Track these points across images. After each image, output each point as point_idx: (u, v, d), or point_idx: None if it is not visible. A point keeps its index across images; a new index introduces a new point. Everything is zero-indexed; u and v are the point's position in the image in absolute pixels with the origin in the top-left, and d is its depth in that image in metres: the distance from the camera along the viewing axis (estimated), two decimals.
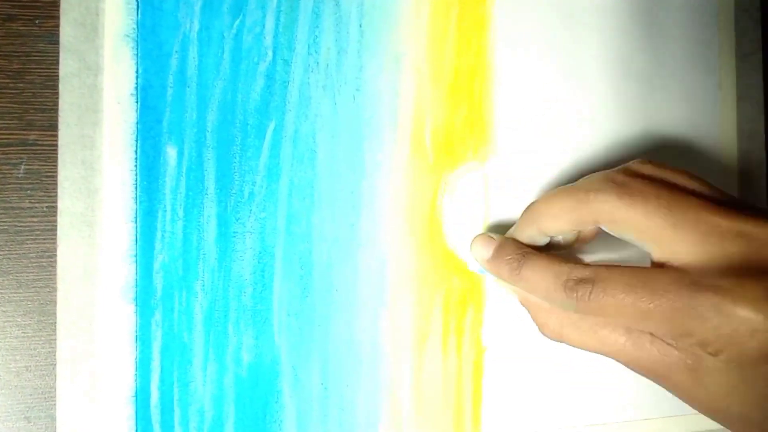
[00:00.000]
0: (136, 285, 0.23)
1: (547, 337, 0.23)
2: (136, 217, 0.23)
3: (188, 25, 0.24)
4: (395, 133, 0.26)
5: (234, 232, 0.24)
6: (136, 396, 0.23)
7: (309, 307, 0.25)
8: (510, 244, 0.24)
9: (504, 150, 0.27)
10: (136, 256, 0.23)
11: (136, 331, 0.23)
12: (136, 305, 0.23)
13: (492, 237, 0.25)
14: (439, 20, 0.26)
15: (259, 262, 0.25)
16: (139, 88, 0.24)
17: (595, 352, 0.22)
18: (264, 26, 0.25)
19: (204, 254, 0.24)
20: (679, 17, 0.30)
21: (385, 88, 0.26)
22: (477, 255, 0.25)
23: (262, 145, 0.25)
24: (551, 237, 0.24)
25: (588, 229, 0.23)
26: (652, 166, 0.22)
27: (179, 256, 0.24)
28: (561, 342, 0.23)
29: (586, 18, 0.28)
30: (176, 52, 0.24)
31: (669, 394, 0.29)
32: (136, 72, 0.24)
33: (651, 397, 0.28)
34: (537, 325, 0.24)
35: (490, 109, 0.27)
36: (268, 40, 0.25)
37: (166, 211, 0.24)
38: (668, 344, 0.20)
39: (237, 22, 0.24)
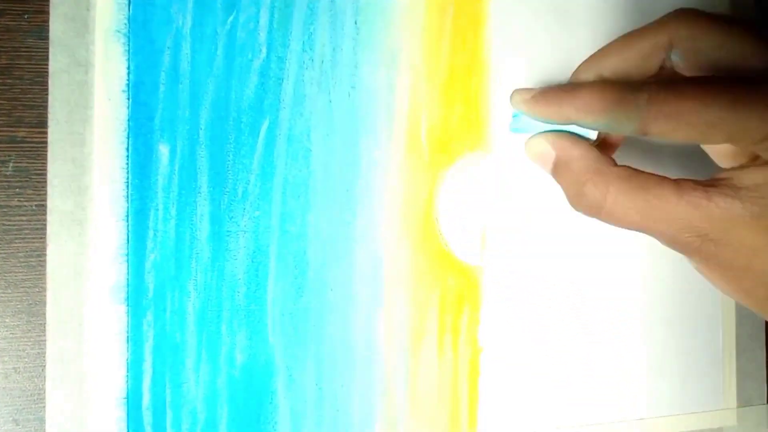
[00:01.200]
0: (128, 285, 0.23)
1: (581, 209, 0.20)
2: (127, 216, 0.23)
3: (181, 21, 0.24)
4: (391, 130, 0.26)
5: (227, 231, 0.24)
6: (128, 398, 0.23)
7: (303, 306, 0.25)
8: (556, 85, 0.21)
9: (500, 147, 0.27)
10: (127, 255, 0.23)
11: (128, 332, 0.23)
12: (128, 305, 0.23)
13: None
14: (435, 17, 0.26)
15: (252, 262, 0.24)
16: (130, 84, 0.23)
17: (638, 223, 0.19)
18: (258, 22, 0.24)
19: (197, 253, 0.24)
20: None
21: (381, 85, 0.26)
22: (518, 96, 0.21)
23: (256, 143, 0.24)
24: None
25: (653, 65, 0.20)
26: None
27: (171, 255, 0.24)
28: (597, 217, 0.19)
29: (582, 15, 0.28)
30: (168, 48, 0.24)
31: (664, 394, 0.29)
32: (128, 68, 0.23)
33: (645, 396, 0.29)
34: (571, 197, 0.20)
35: (486, 106, 0.27)
36: (263, 36, 0.25)
37: (158, 209, 0.23)
38: (728, 196, 0.17)
39: (231, 18, 0.24)
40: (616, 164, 0.19)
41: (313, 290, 0.25)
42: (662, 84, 0.18)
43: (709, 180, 0.19)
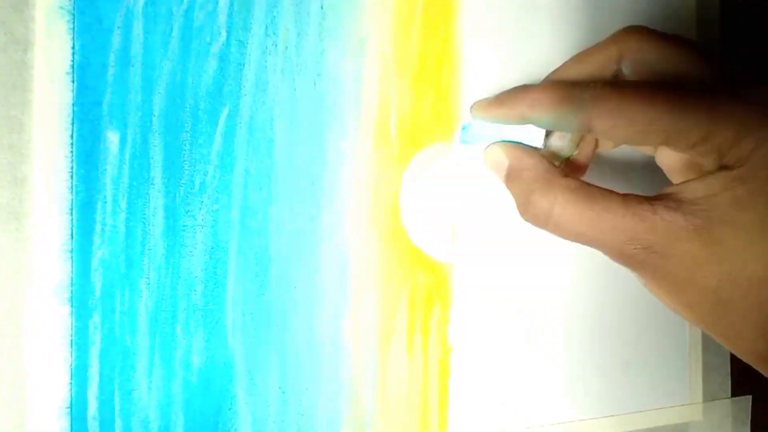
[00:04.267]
0: (72, 283, 0.22)
1: (529, 219, 0.21)
2: (71, 209, 0.22)
3: None
4: (358, 121, 0.25)
5: (183, 226, 0.23)
6: (71, 407, 0.22)
7: (266, 305, 0.24)
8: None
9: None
10: (71, 251, 0.22)
11: (72, 335, 0.22)
12: (72, 306, 0.22)
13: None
14: (405, 3, 0.26)
15: (211, 258, 0.23)
16: (75, 66, 0.22)
17: (582, 235, 0.19)
18: (217, 3, 0.23)
19: (150, 249, 0.22)
20: (648, 8, 0.30)
21: (348, 74, 0.25)
22: (477, 105, 0.22)
23: (214, 132, 0.23)
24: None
25: (607, 77, 0.22)
26: None
27: (121, 251, 0.22)
28: (545, 227, 0.20)
29: (554, 6, 0.28)
30: (118, 27, 0.22)
31: (635, 391, 0.29)
32: (72, 48, 0.22)
33: (616, 393, 0.29)
34: (520, 205, 0.21)
35: (458, 97, 0.26)
36: (222, 18, 0.23)
37: (106, 202, 0.22)
38: (672, 209, 0.18)
39: None
40: (566, 176, 0.20)
41: (275, 288, 0.24)
42: (606, 83, 0.19)
43: (656, 195, 0.19)
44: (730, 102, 0.18)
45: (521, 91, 0.21)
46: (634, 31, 0.21)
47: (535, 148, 0.22)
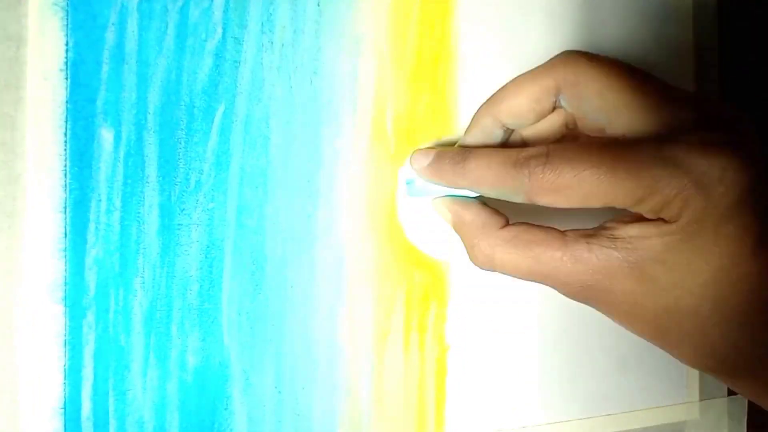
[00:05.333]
0: (66, 283, 0.21)
1: (478, 265, 0.22)
2: (65, 207, 0.21)
3: None
4: (355, 119, 0.25)
5: (178, 224, 0.23)
6: (65, 408, 0.21)
7: (261, 305, 0.24)
8: (453, 149, 0.23)
9: None
10: (65, 250, 0.21)
11: (65, 335, 0.21)
12: (65, 305, 0.21)
13: (433, 148, 0.24)
14: (401, 1, 0.26)
15: (206, 257, 0.23)
16: (69, 63, 0.21)
17: (528, 276, 0.21)
18: (213, 0, 0.23)
19: (144, 248, 0.22)
20: (644, 4, 0.30)
21: (345, 72, 0.25)
22: (416, 164, 0.23)
23: (210, 130, 0.23)
24: (505, 130, 0.23)
25: (546, 108, 0.22)
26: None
27: (116, 250, 0.22)
28: (492, 270, 0.21)
29: (549, 4, 0.28)
30: (113, 24, 0.22)
31: (632, 390, 0.29)
32: (66, 45, 0.21)
33: (611, 392, 0.29)
34: (468, 250, 0.22)
35: (455, 95, 0.26)
36: (218, 15, 0.23)
37: (100, 200, 0.22)
38: (607, 247, 0.19)
39: None
40: (506, 223, 0.22)
41: (271, 287, 0.24)
42: (541, 159, 0.19)
43: (594, 229, 0.20)
44: (662, 163, 0.18)
45: (458, 164, 0.21)
46: (570, 59, 0.21)
47: (475, 198, 0.23)
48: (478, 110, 0.23)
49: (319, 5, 0.24)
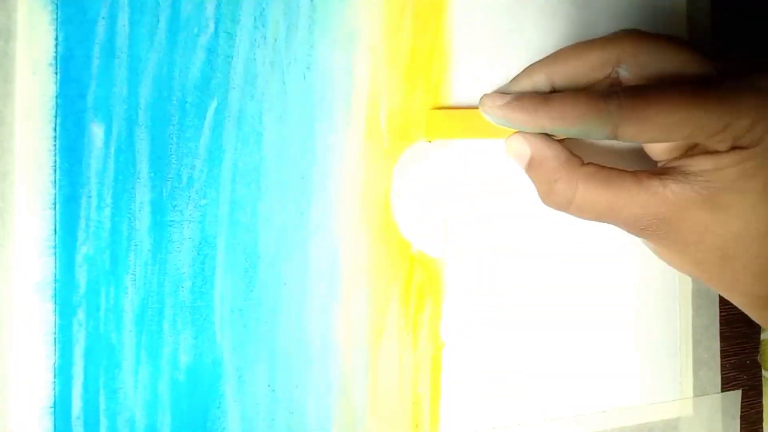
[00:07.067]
0: (55, 280, 0.21)
1: (552, 205, 0.22)
2: (54, 204, 0.21)
3: None
4: (349, 115, 0.25)
5: (170, 221, 0.22)
6: (55, 407, 0.21)
7: (254, 302, 0.23)
8: (528, 92, 0.23)
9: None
10: (54, 247, 0.21)
11: (55, 333, 0.21)
12: (55, 303, 0.21)
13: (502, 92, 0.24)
14: None
15: (198, 254, 0.23)
16: (58, 57, 0.21)
17: (603, 213, 0.21)
18: None
19: (135, 245, 0.22)
20: (640, 2, 0.30)
21: (338, 67, 0.25)
22: (490, 102, 0.22)
23: (202, 126, 0.23)
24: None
25: (600, 76, 0.23)
26: None
27: (106, 247, 0.22)
28: (566, 209, 0.22)
29: (543, 0, 0.28)
30: (103, 18, 0.22)
31: (625, 386, 0.29)
32: (56, 39, 0.21)
33: (604, 389, 0.29)
34: (542, 193, 0.22)
35: (449, 91, 0.26)
36: (210, 9, 0.23)
37: (90, 196, 0.22)
38: (681, 182, 0.20)
39: None
40: (583, 163, 0.22)
41: (264, 285, 0.24)
42: (629, 91, 0.20)
43: (661, 169, 0.22)
44: (745, 93, 0.20)
45: (541, 101, 0.21)
46: (629, 35, 0.22)
47: (554, 138, 0.23)
48: (530, 65, 0.24)
49: (312, 0, 0.24)
